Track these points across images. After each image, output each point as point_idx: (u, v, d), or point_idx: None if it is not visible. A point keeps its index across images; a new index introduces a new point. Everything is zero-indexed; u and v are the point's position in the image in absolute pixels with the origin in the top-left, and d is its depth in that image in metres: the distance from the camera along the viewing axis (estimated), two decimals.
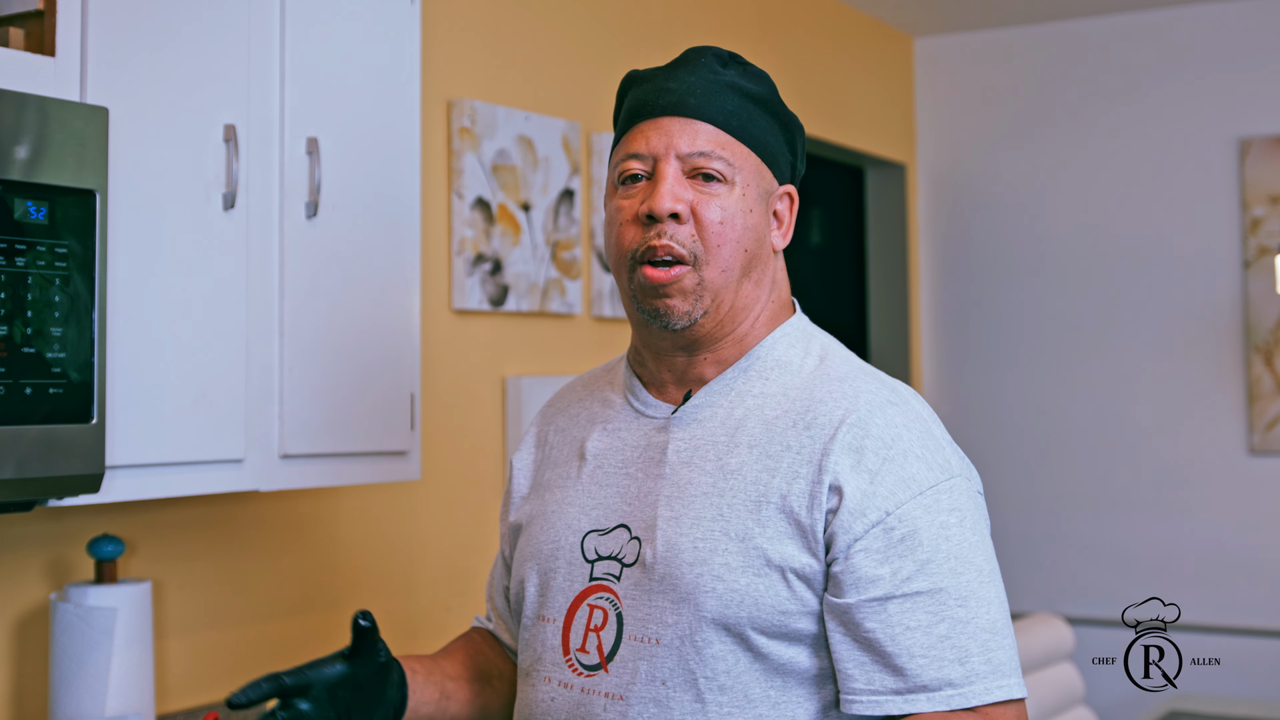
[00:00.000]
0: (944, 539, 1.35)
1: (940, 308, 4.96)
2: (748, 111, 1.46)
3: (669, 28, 3.68)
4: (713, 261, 1.42)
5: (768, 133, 1.47)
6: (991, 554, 1.39)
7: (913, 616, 1.32)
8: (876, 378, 1.46)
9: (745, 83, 1.47)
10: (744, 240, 1.44)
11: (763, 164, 1.47)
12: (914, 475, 1.36)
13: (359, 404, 2.19)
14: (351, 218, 2.18)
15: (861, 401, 1.40)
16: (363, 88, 2.22)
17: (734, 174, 1.44)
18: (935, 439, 1.41)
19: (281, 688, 1.39)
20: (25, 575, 2.10)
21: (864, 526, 1.34)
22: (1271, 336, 4.41)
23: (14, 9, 1.80)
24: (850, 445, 1.36)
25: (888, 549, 1.34)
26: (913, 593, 1.33)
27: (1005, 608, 1.37)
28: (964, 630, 1.33)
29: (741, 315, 1.47)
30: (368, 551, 2.70)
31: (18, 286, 1.63)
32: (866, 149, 4.68)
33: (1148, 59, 4.64)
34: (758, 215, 1.46)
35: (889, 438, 1.37)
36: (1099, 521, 4.65)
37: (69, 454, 1.69)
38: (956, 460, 1.42)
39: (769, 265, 1.49)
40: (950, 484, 1.38)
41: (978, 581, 1.35)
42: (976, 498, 1.42)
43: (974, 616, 1.33)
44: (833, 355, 1.49)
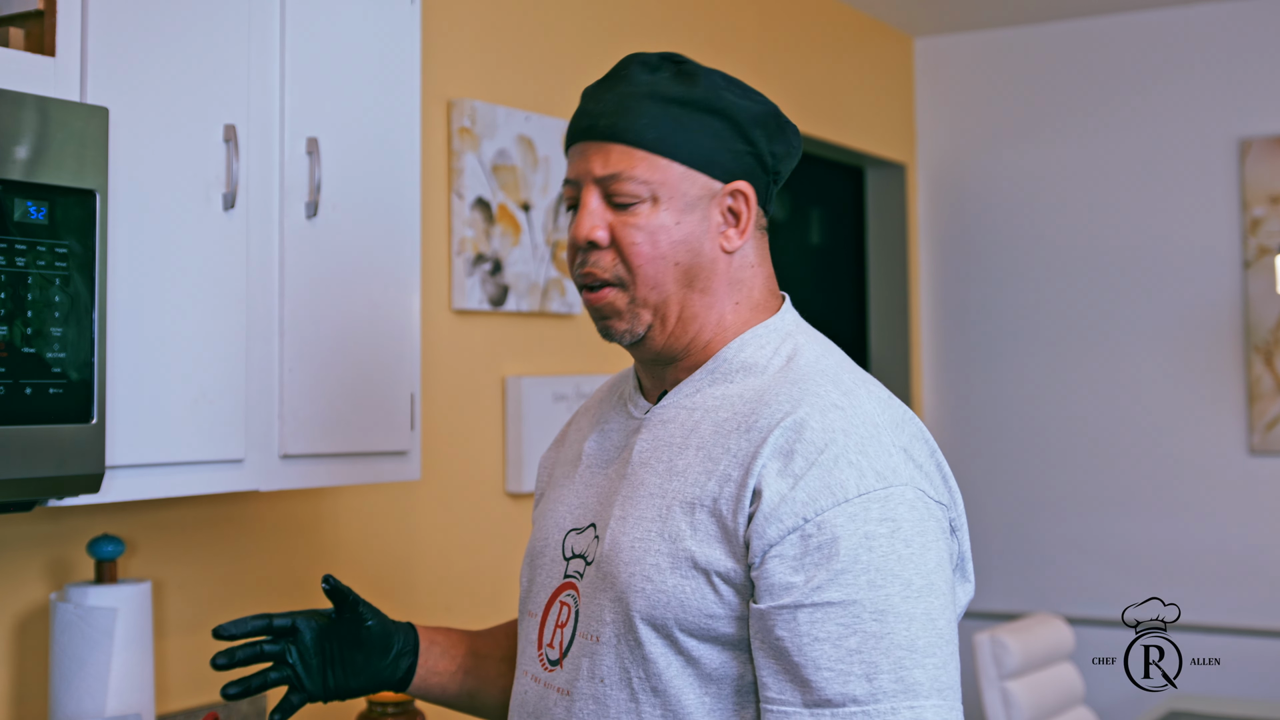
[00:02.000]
0: (866, 549, 1.27)
1: (940, 308, 4.96)
2: (672, 118, 1.41)
3: (669, 28, 3.68)
4: (639, 281, 1.42)
5: (700, 134, 1.42)
6: (931, 569, 1.29)
7: (822, 627, 1.26)
8: (834, 379, 1.39)
9: (674, 86, 1.42)
10: (672, 255, 1.41)
11: (692, 170, 1.41)
12: (841, 481, 1.29)
13: (359, 404, 2.19)
14: (351, 218, 2.18)
15: (804, 403, 1.34)
16: (363, 88, 2.22)
17: (652, 190, 1.41)
18: (882, 445, 1.32)
19: (270, 625, 1.53)
20: (25, 575, 2.10)
21: (780, 532, 1.29)
22: (1271, 336, 4.41)
23: (14, 9, 1.80)
24: (780, 448, 1.31)
25: (803, 556, 1.28)
26: (824, 602, 1.26)
27: (936, 627, 1.28)
28: (876, 645, 1.25)
29: (696, 324, 1.44)
30: (368, 551, 2.70)
31: (18, 286, 1.63)
32: (866, 149, 4.68)
33: (1148, 59, 4.64)
34: (688, 226, 1.41)
35: (822, 442, 1.31)
36: (1099, 521, 4.65)
37: (69, 454, 1.69)
38: (909, 469, 1.33)
39: (718, 270, 1.44)
40: (887, 493, 1.29)
41: (901, 596, 1.26)
42: (924, 510, 1.32)
43: (890, 632, 1.25)
44: (802, 355, 1.43)
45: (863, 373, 1.44)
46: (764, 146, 1.45)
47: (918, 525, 1.30)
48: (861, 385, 1.39)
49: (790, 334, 1.46)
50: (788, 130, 1.48)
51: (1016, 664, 3.66)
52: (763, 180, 1.46)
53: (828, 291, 5.59)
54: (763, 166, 1.46)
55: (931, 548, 1.30)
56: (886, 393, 1.43)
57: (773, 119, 1.46)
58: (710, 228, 1.43)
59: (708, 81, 1.43)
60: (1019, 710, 3.63)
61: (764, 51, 4.11)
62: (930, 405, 4.97)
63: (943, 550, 1.32)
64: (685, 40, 3.74)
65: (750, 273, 1.47)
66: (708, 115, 1.42)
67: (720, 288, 1.44)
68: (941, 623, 1.28)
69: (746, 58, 4.02)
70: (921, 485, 1.33)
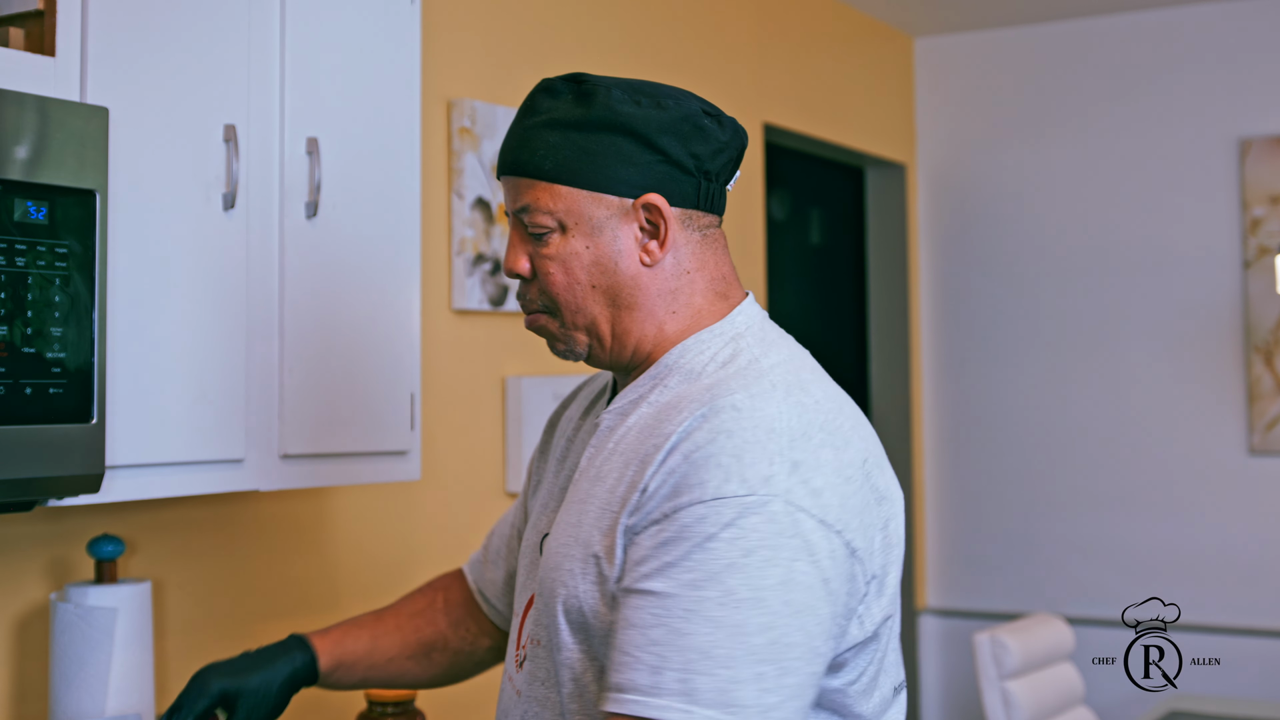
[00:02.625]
0: (701, 550, 1.24)
1: (940, 308, 4.96)
2: (571, 144, 1.40)
3: (669, 28, 3.68)
4: (562, 309, 1.44)
5: (600, 155, 1.40)
6: (768, 585, 1.24)
7: (637, 614, 1.26)
8: (753, 381, 1.35)
9: (573, 110, 1.41)
10: (588, 280, 1.42)
11: (593, 194, 1.40)
12: (703, 480, 1.27)
13: (359, 404, 2.19)
14: (351, 218, 2.18)
15: (706, 405, 1.32)
16: (363, 88, 2.22)
17: (559, 219, 1.41)
18: (765, 452, 1.28)
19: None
20: (25, 575, 2.10)
21: (643, 523, 1.30)
22: (1271, 336, 4.41)
23: (14, 9, 1.80)
24: (670, 448, 1.31)
25: (652, 547, 1.28)
26: (646, 590, 1.26)
27: (748, 643, 1.22)
28: (674, 642, 1.23)
29: (633, 339, 1.44)
30: (368, 551, 2.70)
31: (18, 286, 1.63)
32: (866, 149, 4.68)
33: (1148, 59, 4.64)
34: (599, 248, 1.41)
35: (704, 441, 1.29)
36: (1099, 521, 4.65)
37: (69, 454, 1.69)
38: (786, 481, 1.27)
39: (642, 285, 1.42)
40: (744, 501, 1.25)
41: (717, 603, 1.23)
42: (786, 525, 1.26)
43: (691, 632, 1.23)
44: (740, 358, 1.40)
45: (809, 376, 1.40)
46: (678, 151, 1.41)
47: (769, 539, 1.25)
48: (790, 389, 1.35)
49: (736, 336, 1.43)
50: (708, 129, 1.43)
51: (1016, 664, 3.66)
52: (688, 184, 1.42)
53: (828, 291, 5.59)
54: (683, 170, 1.42)
55: (778, 564, 1.24)
56: (831, 402, 1.38)
57: (685, 122, 1.41)
58: (627, 245, 1.42)
59: (605, 98, 1.40)
60: (1019, 710, 3.63)
61: (764, 51, 4.11)
62: (930, 405, 4.97)
63: (797, 570, 1.25)
64: (686, 40, 3.74)
65: (686, 280, 1.44)
66: (606, 133, 1.40)
67: (650, 301, 1.43)
68: (757, 640, 1.23)
69: (746, 58, 4.02)
70: (797, 500, 1.27)
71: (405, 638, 1.76)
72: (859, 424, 1.40)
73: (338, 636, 1.72)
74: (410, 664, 1.76)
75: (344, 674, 1.71)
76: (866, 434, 1.40)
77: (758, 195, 4.09)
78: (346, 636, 1.73)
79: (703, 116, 1.42)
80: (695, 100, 1.44)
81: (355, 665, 1.72)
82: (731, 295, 1.47)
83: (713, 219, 1.46)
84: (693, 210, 1.43)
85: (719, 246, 1.47)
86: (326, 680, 1.71)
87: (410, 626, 1.77)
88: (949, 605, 4.90)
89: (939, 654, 4.87)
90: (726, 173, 1.46)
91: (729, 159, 1.45)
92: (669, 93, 1.42)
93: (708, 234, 1.45)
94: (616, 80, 1.43)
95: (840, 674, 1.34)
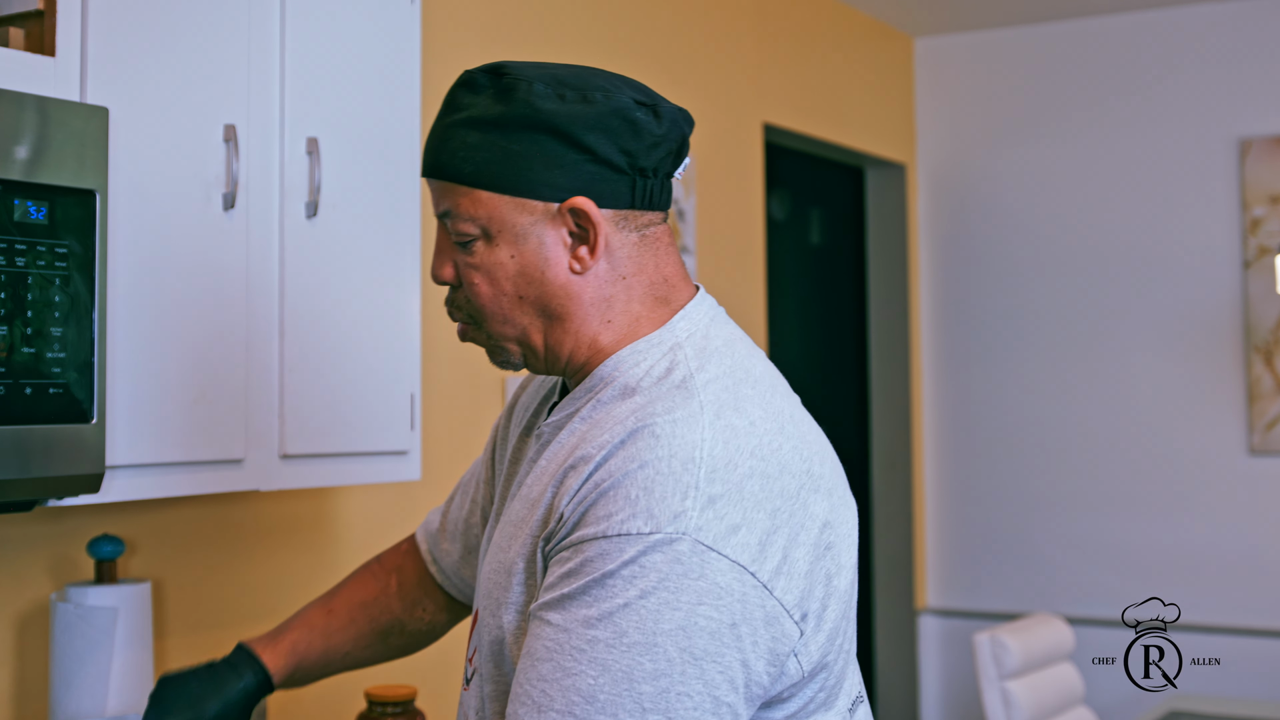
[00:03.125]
0: (599, 586, 1.16)
1: (940, 308, 4.96)
2: (490, 145, 1.28)
3: (669, 27, 3.68)
4: (489, 320, 1.34)
5: (522, 157, 1.28)
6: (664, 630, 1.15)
7: (534, 642, 1.19)
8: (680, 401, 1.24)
9: (493, 107, 1.29)
10: (515, 290, 1.31)
11: (517, 199, 1.29)
12: (611, 514, 1.18)
13: (359, 404, 2.19)
14: (351, 218, 2.18)
15: (627, 426, 1.22)
16: (363, 88, 2.22)
17: (482, 226, 1.30)
18: (678, 485, 1.18)
19: None
20: (25, 575, 2.10)
21: (555, 550, 1.23)
22: (1271, 336, 4.41)
23: (14, 9, 1.80)
24: (587, 474, 1.22)
25: (557, 576, 1.20)
26: (544, 619, 1.19)
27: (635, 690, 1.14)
28: (561, 681, 1.16)
29: (565, 350, 1.34)
30: (368, 551, 2.70)
31: (18, 286, 1.63)
32: (866, 149, 4.68)
33: (1148, 59, 4.64)
34: (526, 256, 1.30)
35: (616, 469, 1.19)
36: (1099, 521, 4.65)
37: (69, 454, 1.69)
38: (698, 519, 1.17)
39: (572, 294, 1.31)
40: (651, 539, 1.16)
41: (606, 644, 1.15)
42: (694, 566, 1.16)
43: (579, 673, 1.15)
44: (677, 371, 1.28)
45: (749, 392, 1.28)
46: (607, 149, 1.28)
47: (670, 580, 1.15)
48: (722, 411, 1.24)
49: (675, 347, 1.31)
50: (641, 122, 1.30)
51: (1016, 664, 3.66)
52: (620, 184, 1.30)
53: (828, 291, 5.59)
54: (615, 169, 1.29)
55: (678, 608, 1.15)
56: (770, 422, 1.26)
57: (614, 116, 1.28)
58: (555, 253, 1.30)
59: (526, 94, 1.28)
60: (1019, 710, 3.63)
61: (764, 51, 4.11)
62: (930, 405, 4.97)
63: (700, 615, 1.16)
64: (686, 40, 3.74)
65: (622, 286, 1.32)
66: (528, 133, 1.28)
67: (582, 311, 1.32)
68: (645, 688, 1.14)
69: (746, 58, 4.02)
70: (708, 539, 1.16)
71: (359, 629, 1.70)
72: (803, 444, 1.27)
73: (290, 644, 1.66)
74: (366, 652, 1.71)
75: (300, 677, 1.67)
76: (810, 454, 1.27)
77: (758, 195, 4.09)
78: (299, 642, 1.66)
79: (635, 109, 1.29)
80: (628, 90, 1.31)
81: (311, 669, 1.67)
82: (674, 298, 1.35)
83: (653, 216, 1.34)
84: (628, 210, 1.31)
85: (660, 245, 1.35)
86: (281, 687, 1.66)
87: (364, 618, 1.70)
88: (949, 605, 4.90)
89: (939, 654, 4.87)
90: (667, 165, 1.33)
91: (667, 152, 1.32)
92: (598, 85, 1.30)
93: (647, 234, 1.33)
94: (541, 71, 1.30)
95: (784, 706, 1.25)
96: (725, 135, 3.92)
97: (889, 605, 4.93)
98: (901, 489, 4.91)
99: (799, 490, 1.23)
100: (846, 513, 1.29)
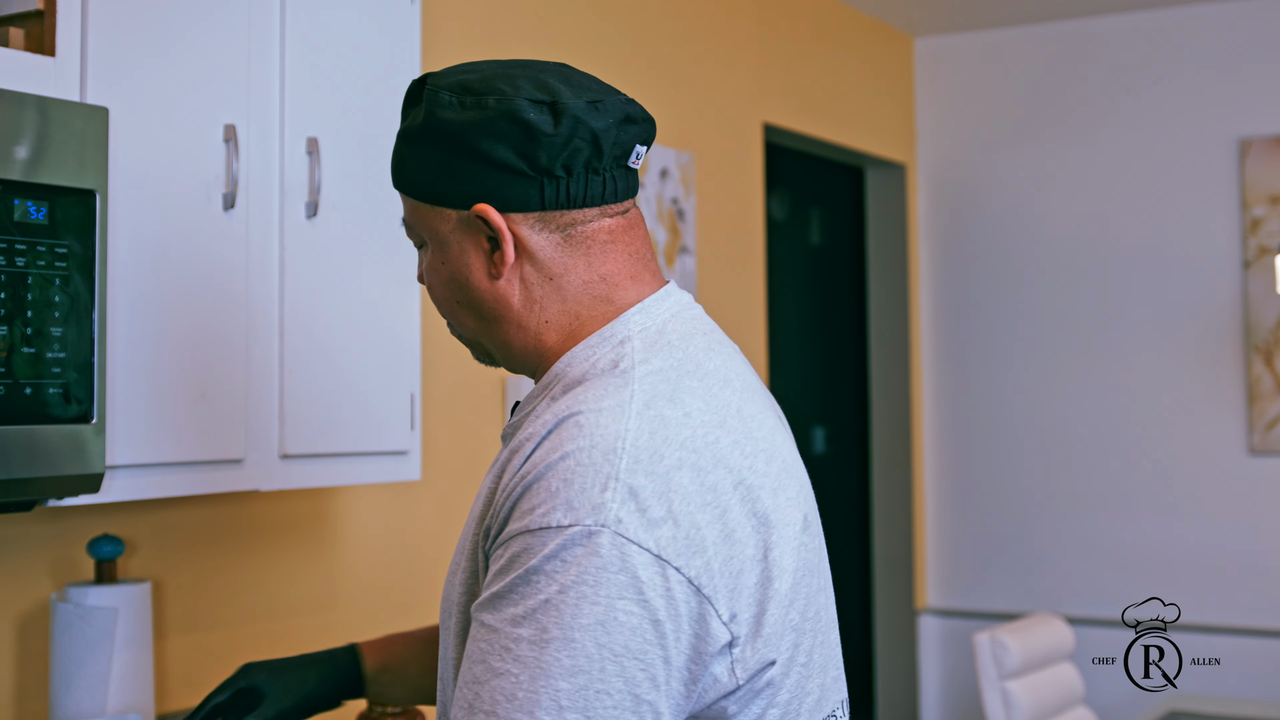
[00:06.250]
0: (524, 583, 1.14)
1: (940, 308, 4.96)
2: (412, 156, 1.31)
3: (670, 28, 3.68)
4: (448, 320, 1.38)
5: (433, 166, 1.29)
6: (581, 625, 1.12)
7: (471, 644, 1.17)
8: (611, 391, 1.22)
9: (415, 118, 1.31)
10: (451, 295, 1.34)
11: (435, 208, 1.31)
12: (534, 507, 1.16)
13: (359, 404, 2.19)
14: (351, 218, 2.18)
15: (558, 416, 1.21)
16: (363, 88, 2.22)
17: (419, 233, 1.34)
18: (597, 475, 1.15)
19: None
20: (25, 575, 2.10)
21: (491, 547, 1.21)
22: (1271, 336, 4.41)
23: (14, 9, 1.80)
24: (516, 466, 1.21)
25: (492, 574, 1.18)
26: (479, 619, 1.17)
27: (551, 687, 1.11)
28: (489, 682, 1.14)
29: (515, 352, 1.34)
30: (368, 551, 2.70)
31: (18, 286, 1.63)
32: (866, 149, 4.68)
33: (1148, 59, 4.64)
34: (451, 264, 1.32)
35: (539, 460, 1.18)
36: (1099, 521, 4.65)
37: (69, 454, 1.69)
38: (618, 510, 1.14)
39: (500, 299, 1.31)
40: (570, 532, 1.13)
41: (530, 643, 1.12)
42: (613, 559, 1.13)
43: (504, 673, 1.13)
44: (620, 364, 1.26)
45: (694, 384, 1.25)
46: (503, 154, 1.26)
47: (588, 575, 1.12)
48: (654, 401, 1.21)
49: (626, 339, 1.28)
50: (535, 124, 1.26)
51: (1016, 664, 3.66)
52: (526, 186, 1.27)
53: (828, 291, 5.59)
54: (516, 173, 1.27)
55: (597, 602, 1.12)
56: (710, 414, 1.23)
57: (505, 119, 1.26)
58: (476, 259, 1.30)
59: (432, 103, 1.29)
60: (1019, 710, 3.63)
61: (764, 51, 4.11)
62: (930, 405, 4.97)
63: (619, 610, 1.12)
64: (685, 40, 3.75)
65: (550, 287, 1.30)
66: (434, 143, 1.29)
67: (515, 314, 1.31)
68: (562, 685, 1.11)
69: (747, 58, 4.02)
70: (629, 531, 1.13)
71: None
72: (746, 440, 1.24)
73: (385, 643, 1.68)
74: None
75: (391, 679, 1.67)
76: (755, 451, 1.24)
77: (758, 195, 4.09)
78: (393, 643, 1.68)
79: (527, 110, 1.25)
80: (527, 89, 1.27)
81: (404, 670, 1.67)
82: (617, 296, 1.31)
83: (579, 215, 1.29)
84: (544, 212, 1.28)
85: (597, 243, 1.30)
86: (375, 683, 1.66)
87: None
88: (949, 605, 4.90)
89: (939, 654, 4.87)
90: (585, 162, 1.29)
91: (576, 151, 1.27)
92: (498, 87, 1.27)
93: (572, 233, 1.29)
94: (455, 79, 1.30)
95: None
96: (725, 135, 3.92)
97: (889, 605, 4.93)
98: (901, 489, 4.91)
99: (736, 486, 1.20)
100: (793, 513, 1.25)
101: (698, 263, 3.74)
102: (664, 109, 3.63)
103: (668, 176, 3.58)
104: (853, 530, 5.28)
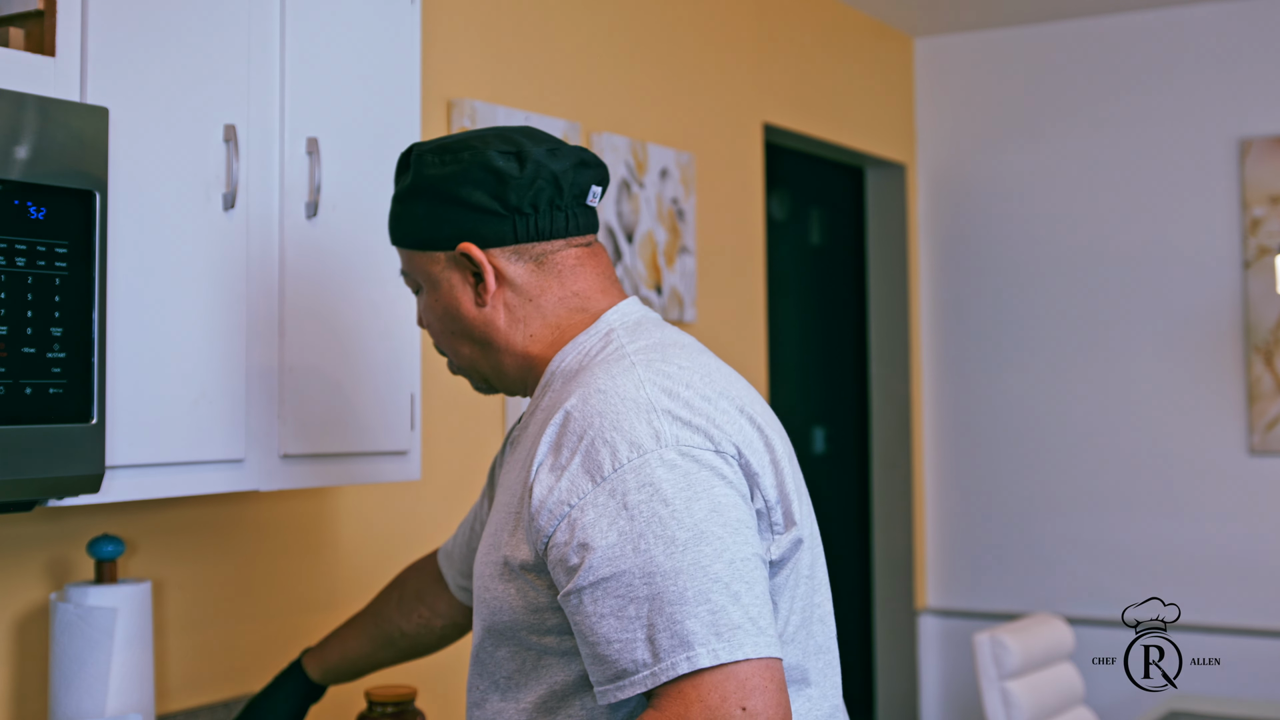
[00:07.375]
0: (627, 519, 1.32)
1: (940, 308, 4.96)
2: (405, 213, 1.58)
3: (669, 28, 3.68)
4: (447, 355, 1.62)
5: (419, 218, 1.56)
6: (700, 519, 1.32)
7: (604, 603, 1.32)
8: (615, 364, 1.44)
9: (404, 181, 1.58)
10: (447, 328, 1.58)
11: (425, 253, 1.57)
12: (599, 462, 1.35)
13: (359, 404, 2.19)
14: (351, 218, 2.18)
15: (576, 394, 1.41)
16: (363, 88, 2.22)
17: (414, 279, 1.60)
18: (639, 415, 1.37)
19: None
20: (25, 575, 2.11)
21: (551, 523, 1.37)
22: (1271, 336, 4.41)
23: (14, 9, 1.80)
24: (551, 444, 1.40)
25: (572, 541, 1.35)
26: (598, 580, 1.32)
27: (710, 573, 1.30)
28: (651, 608, 1.30)
29: (509, 370, 1.57)
30: (368, 551, 2.70)
31: (18, 286, 1.63)
32: (866, 149, 4.68)
33: (1148, 59, 4.64)
34: (444, 299, 1.57)
35: (581, 428, 1.38)
36: (1099, 521, 4.65)
37: (69, 454, 1.69)
38: (671, 430, 1.37)
39: (489, 323, 1.55)
40: (642, 460, 1.34)
41: (665, 554, 1.30)
42: (689, 465, 1.35)
43: (660, 592, 1.30)
44: (609, 347, 1.49)
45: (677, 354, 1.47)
46: (480, 198, 1.52)
47: (680, 481, 1.34)
48: (650, 364, 1.43)
49: (609, 332, 1.52)
50: (504, 171, 1.51)
51: (1016, 664, 3.66)
52: (500, 225, 1.52)
53: (828, 291, 5.59)
54: (491, 214, 1.52)
55: (700, 498, 1.34)
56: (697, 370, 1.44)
57: (480, 169, 1.51)
58: (463, 292, 1.56)
59: (417, 166, 1.56)
60: (1019, 710, 3.63)
61: (764, 51, 4.11)
62: (930, 405, 4.97)
63: (718, 496, 1.35)
64: (685, 40, 3.75)
65: (531, 307, 1.54)
66: (419, 198, 1.56)
67: (504, 335, 1.55)
68: (717, 567, 1.31)
69: (747, 58, 4.02)
70: (687, 441, 1.37)
71: (371, 636, 2.02)
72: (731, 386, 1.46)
73: (328, 651, 2.03)
74: (382, 654, 2.03)
75: (337, 677, 2.05)
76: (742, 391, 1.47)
77: (758, 195, 4.09)
78: (332, 651, 2.03)
79: (497, 160, 1.51)
80: (496, 143, 1.52)
81: (342, 670, 2.04)
82: (592, 306, 1.55)
83: (548, 245, 1.54)
84: (518, 245, 1.53)
85: (565, 267, 1.55)
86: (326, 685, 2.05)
87: (373, 625, 2.03)
88: (949, 605, 4.90)
89: (939, 654, 4.87)
90: (551, 200, 1.52)
91: (540, 191, 1.52)
92: (471, 144, 1.53)
93: (546, 260, 1.54)
94: (434, 144, 1.56)
95: None
96: (725, 135, 3.92)
97: (889, 605, 4.93)
98: (901, 489, 4.91)
99: (739, 410, 1.43)
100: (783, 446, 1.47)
101: (698, 263, 3.74)
102: (664, 109, 3.63)
103: (668, 176, 3.58)
104: (853, 530, 5.28)
